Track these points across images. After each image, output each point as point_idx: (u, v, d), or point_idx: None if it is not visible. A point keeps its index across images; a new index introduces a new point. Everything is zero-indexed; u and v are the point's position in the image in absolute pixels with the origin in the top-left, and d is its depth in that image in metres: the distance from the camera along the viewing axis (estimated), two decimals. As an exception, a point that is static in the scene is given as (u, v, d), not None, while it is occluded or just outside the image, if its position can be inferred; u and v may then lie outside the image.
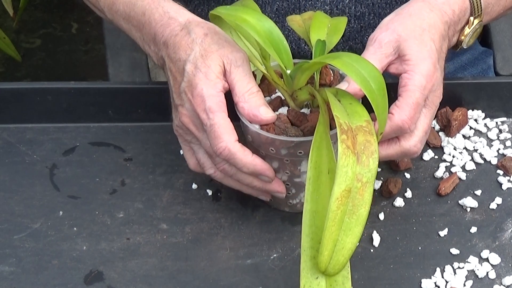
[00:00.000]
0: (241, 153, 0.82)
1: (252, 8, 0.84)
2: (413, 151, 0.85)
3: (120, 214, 0.91)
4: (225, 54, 0.83)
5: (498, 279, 0.85)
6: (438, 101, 0.87)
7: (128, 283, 0.84)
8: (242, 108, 0.82)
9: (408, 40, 0.85)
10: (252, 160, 0.82)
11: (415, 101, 0.83)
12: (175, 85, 0.85)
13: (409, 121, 0.82)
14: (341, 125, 0.73)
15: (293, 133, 0.82)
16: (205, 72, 0.82)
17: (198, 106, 0.82)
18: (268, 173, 0.84)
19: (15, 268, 0.86)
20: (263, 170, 0.83)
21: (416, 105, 0.83)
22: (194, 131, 0.85)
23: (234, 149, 0.81)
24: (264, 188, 0.86)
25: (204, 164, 0.87)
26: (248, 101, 0.82)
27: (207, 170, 0.87)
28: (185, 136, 0.87)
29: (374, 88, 0.75)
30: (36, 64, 2.35)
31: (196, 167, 0.89)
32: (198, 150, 0.87)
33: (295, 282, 0.74)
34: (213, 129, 0.81)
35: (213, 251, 0.87)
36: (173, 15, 0.88)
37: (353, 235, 0.71)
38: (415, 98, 0.83)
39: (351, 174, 0.71)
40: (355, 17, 1.07)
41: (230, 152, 0.81)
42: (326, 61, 0.79)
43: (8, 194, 0.93)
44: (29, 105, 1.00)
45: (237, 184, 0.87)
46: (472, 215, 0.91)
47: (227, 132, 0.81)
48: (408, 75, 0.84)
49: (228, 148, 0.81)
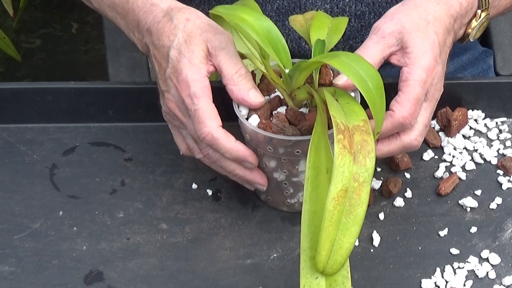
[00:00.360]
0: (224, 139, 0.82)
1: (251, 7, 0.85)
2: (414, 145, 0.86)
3: (120, 214, 0.91)
4: (208, 37, 0.84)
5: (498, 279, 0.85)
6: (438, 94, 0.87)
7: (128, 283, 0.84)
8: (231, 91, 0.83)
9: (411, 32, 0.85)
10: (235, 145, 0.83)
11: (415, 96, 0.83)
12: (161, 71, 0.86)
13: (410, 117, 0.82)
14: (338, 124, 0.73)
15: (290, 132, 0.82)
16: (189, 58, 0.83)
17: (183, 91, 0.83)
18: (251, 159, 0.84)
19: (15, 268, 0.86)
20: (245, 156, 0.83)
21: (417, 101, 0.83)
22: (180, 116, 0.85)
23: (217, 134, 0.82)
24: (246, 177, 0.86)
25: (193, 149, 0.87)
26: (237, 84, 0.83)
27: (196, 154, 0.87)
28: (173, 121, 0.88)
29: (372, 88, 0.75)
30: (36, 64, 2.35)
31: (187, 152, 0.89)
32: (186, 135, 0.88)
33: (295, 282, 0.74)
34: (197, 114, 0.82)
35: (213, 251, 0.87)
36: (155, 1, 0.89)
37: (350, 234, 0.71)
38: (416, 93, 0.83)
39: (347, 174, 0.71)
40: (356, 16, 1.07)
41: (213, 137, 0.81)
42: (324, 60, 0.79)
43: (8, 194, 0.93)
44: (29, 105, 0.99)
45: (222, 171, 0.87)
46: (472, 215, 0.91)
47: (211, 117, 0.82)
48: (409, 69, 0.84)
49: (211, 133, 0.81)
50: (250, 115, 0.84)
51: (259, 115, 0.84)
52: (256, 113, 0.84)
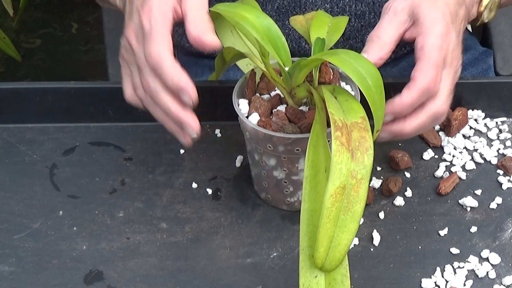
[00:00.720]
0: (170, 61, 0.80)
1: (251, 5, 0.85)
2: (441, 111, 0.84)
3: (120, 214, 0.91)
4: None
5: (498, 279, 0.85)
6: (457, 62, 0.86)
7: (128, 283, 0.84)
8: (189, 31, 0.82)
9: (421, 4, 0.85)
10: (179, 72, 0.80)
11: (434, 61, 0.82)
12: (130, 5, 0.86)
13: (433, 81, 0.81)
14: (336, 121, 0.73)
15: (290, 130, 0.82)
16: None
17: (145, 15, 0.82)
18: (191, 92, 0.80)
19: (15, 268, 0.86)
20: (187, 85, 0.80)
21: (437, 65, 0.82)
22: (134, 43, 0.84)
23: (165, 55, 0.80)
24: (179, 116, 0.82)
25: (136, 85, 0.85)
26: (197, 25, 0.82)
27: (138, 89, 0.85)
28: (126, 55, 0.86)
29: (371, 85, 0.75)
30: (36, 64, 2.35)
31: (131, 95, 0.87)
32: (134, 71, 0.85)
33: (295, 281, 0.74)
34: (151, 34, 0.81)
35: (213, 250, 0.87)
36: None
37: (348, 231, 0.71)
38: (434, 58, 0.82)
39: (345, 171, 0.71)
40: (356, 15, 1.07)
41: (159, 57, 0.80)
42: (323, 57, 0.79)
43: (8, 194, 0.93)
44: (29, 105, 1.00)
45: (158, 112, 0.84)
46: (472, 214, 0.91)
47: (164, 42, 0.80)
48: (423, 37, 0.83)
49: (158, 53, 0.80)
50: (250, 113, 0.84)
51: (259, 113, 0.84)
52: (256, 111, 0.84)
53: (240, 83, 0.88)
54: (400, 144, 0.98)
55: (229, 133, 0.99)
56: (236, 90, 0.87)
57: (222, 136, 0.99)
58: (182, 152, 0.97)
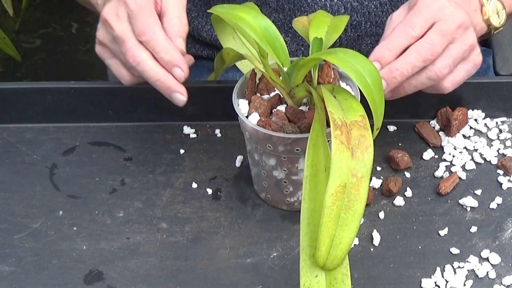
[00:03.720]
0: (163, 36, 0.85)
1: (248, 7, 0.85)
2: (437, 74, 0.86)
3: (120, 214, 0.91)
4: None
5: (498, 279, 0.85)
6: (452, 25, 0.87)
7: (128, 283, 0.84)
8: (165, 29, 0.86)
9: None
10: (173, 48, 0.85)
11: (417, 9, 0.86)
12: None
13: (409, 22, 0.85)
14: (335, 120, 0.73)
15: (290, 130, 0.82)
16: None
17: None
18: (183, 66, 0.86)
19: (15, 268, 0.86)
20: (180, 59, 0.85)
21: (418, 14, 0.85)
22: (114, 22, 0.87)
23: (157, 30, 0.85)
24: (168, 83, 0.87)
25: (113, 50, 0.89)
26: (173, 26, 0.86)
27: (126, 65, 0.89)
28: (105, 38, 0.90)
29: (370, 83, 0.75)
30: (36, 64, 2.35)
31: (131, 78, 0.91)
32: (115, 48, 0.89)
33: (295, 281, 0.74)
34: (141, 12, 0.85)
35: (213, 250, 0.87)
36: None
37: (350, 230, 0.71)
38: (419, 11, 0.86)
39: (345, 169, 0.71)
40: (352, 26, 1.07)
41: (153, 33, 0.84)
42: (322, 56, 0.79)
43: (8, 194, 0.93)
44: (29, 105, 1.00)
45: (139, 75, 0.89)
46: (472, 214, 0.91)
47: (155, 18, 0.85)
48: None
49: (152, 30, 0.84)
50: (250, 113, 0.84)
51: (259, 113, 0.84)
52: (256, 111, 0.84)
53: (240, 83, 0.88)
54: (400, 144, 0.98)
55: (229, 133, 0.99)
56: (236, 90, 0.87)
57: (222, 136, 0.99)
58: (182, 152, 0.97)
